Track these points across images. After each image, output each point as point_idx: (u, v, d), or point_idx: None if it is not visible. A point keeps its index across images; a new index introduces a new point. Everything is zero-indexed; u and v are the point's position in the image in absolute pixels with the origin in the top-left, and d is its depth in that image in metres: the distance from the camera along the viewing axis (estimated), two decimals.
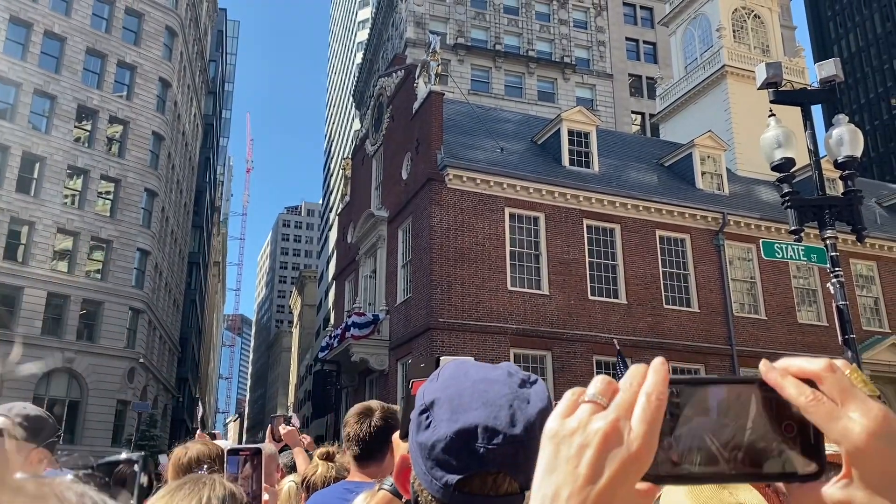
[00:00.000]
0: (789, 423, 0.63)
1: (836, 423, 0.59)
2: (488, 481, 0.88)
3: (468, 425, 0.87)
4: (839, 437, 0.59)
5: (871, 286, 25.87)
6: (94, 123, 38.18)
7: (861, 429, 0.58)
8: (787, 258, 9.45)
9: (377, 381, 23.99)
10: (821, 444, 0.62)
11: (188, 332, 55.23)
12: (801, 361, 0.64)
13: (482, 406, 0.88)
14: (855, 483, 0.60)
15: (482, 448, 0.86)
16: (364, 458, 2.73)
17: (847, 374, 0.63)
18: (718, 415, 0.64)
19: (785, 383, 0.62)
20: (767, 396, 0.64)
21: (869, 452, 0.58)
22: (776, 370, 0.64)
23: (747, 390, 0.65)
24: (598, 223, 22.57)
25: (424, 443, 0.90)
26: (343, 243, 31.61)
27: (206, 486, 1.70)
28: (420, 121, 23.16)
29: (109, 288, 36.73)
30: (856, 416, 0.59)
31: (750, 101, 28.27)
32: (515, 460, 0.87)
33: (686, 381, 0.65)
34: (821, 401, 0.60)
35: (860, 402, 0.60)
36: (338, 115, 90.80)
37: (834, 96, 8.91)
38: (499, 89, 46.83)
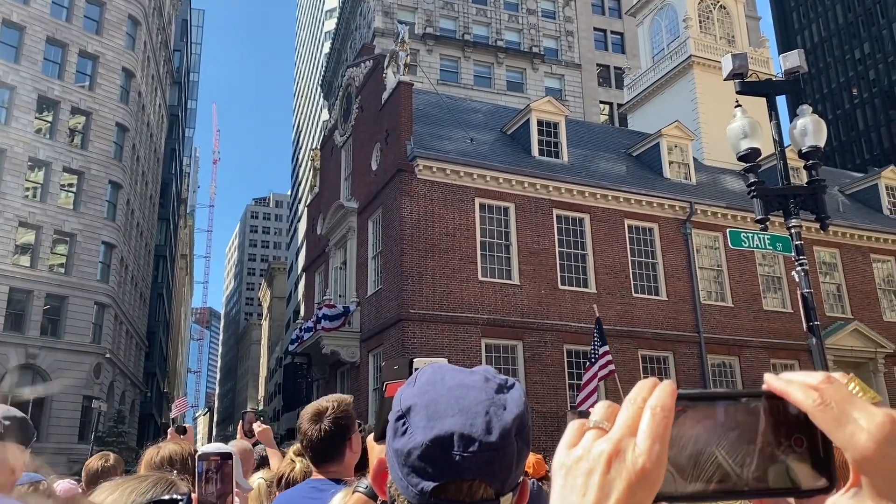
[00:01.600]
0: (798, 437, 0.62)
1: (843, 428, 0.58)
2: (464, 488, 0.88)
3: (444, 433, 0.87)
4: (846, 443, 0.58)
5: (833, 273, 26.40)
6: (56, 114, 37.38)
7: (868, 434, 0.58)
8: (753, 247, 9.59)
9: (349, 373, 23.92)
10: (831, 457, 0.62)
11: (155, 326, 54.55)
12: (801, 374, 0.63)
13: (458, 413, 0.89)
14: (864, 491, 0.59)
15: (458, 455, 0.86)
16: (321, 460, 2.71)
17: (845, 383, 0.63)
18: (728, 430, 0.63)
19: (791, 389, 0.62)
20: (775, 409, 0.63)
21: (877, 458, 0.57)
22: (781, 379, 0.63)
23: (755, 403, 0.64)
24: (567, 213, 22.70)
25: (401, 449, 0.90)
26: (312, 235, 31.41)
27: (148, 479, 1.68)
28: (389, 111, 23.05)
29: (74, 282, 36.09)
30: (862, 422, 0.58)
31: (716, 91, 28.59)
32: (491, 467, 0.88)
33: (693, 395, 0.64)
34: (828, 405, 0.59)
35: (864, 408, 0.59)
36: (306, 105, 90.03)
37: (798, 87, 9.04)
38: (468, 79, 46.78)
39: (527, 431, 0.92)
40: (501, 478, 0.89)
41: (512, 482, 0.91)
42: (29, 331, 34.11)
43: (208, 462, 1.92)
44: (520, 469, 0.92)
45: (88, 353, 35.94)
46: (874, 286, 26.79)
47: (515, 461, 0.90)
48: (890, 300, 27.21)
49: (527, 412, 0.93)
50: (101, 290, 37.29)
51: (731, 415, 0.63)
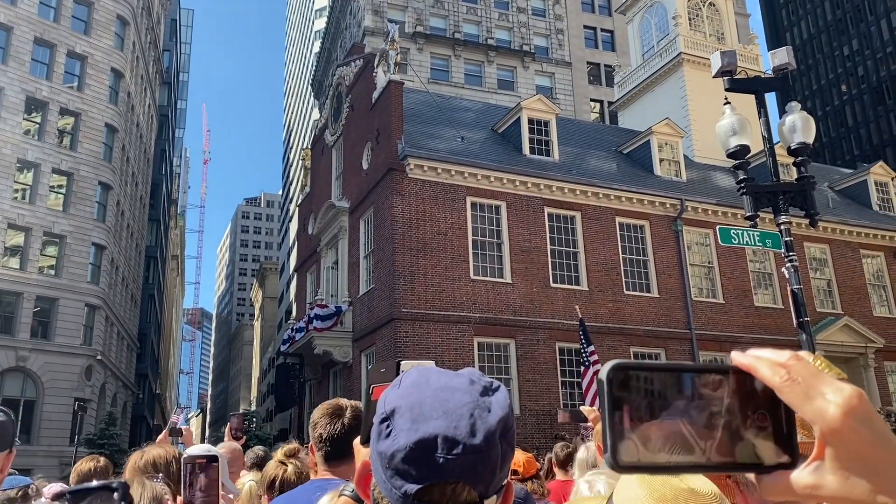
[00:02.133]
0: (762, 413, 0.63)
1: (810, 402, 0.60)
2: (447, 491, 0.88)
3: (428, 435, 0.87)
4: (814, 417, 0.60)
5: (824, 268, 26.53)
6: (44, 115, 37.15)
7: (835, 408, 0.59)
8: (743, 244, 9.62)
9: (341, 373, 23.89)
10: (793, 433, 0.63)
11: (147, 327, 54.34)
12: (768, 351, 0.64)
13: (443, 415, 0.89)
14: (827, 465, 0.60)
15: (441, 458, 0.86)
16: (335, 457, 2.69)
17: (812, 360, 0.64)
18: (693, 403, 0.63)
19: (759, 364, 0.63)
20: (741, 385, 0.64)
21: (843, 431, 0.59)
22: (749, 355, 0.64)
23: (721, 378, 0.64)
24: (559, 211, 22.72)
25: (385, 452, 0.90)
26: (304, 235, 31.34)
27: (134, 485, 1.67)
28: (380, 110, 23.01)
29: (64, 284, 35.89)
30: (830, 396, 0.60)
31: (706, 89, 28.68)
32: (475, 470, 0.88)
33: (661, 367, 0.65)
34: (795, 381, 0.61)
35: (832, 383, 0.61)
36: (296, 104, 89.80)
37: (787, 84, 9.07)
38: (458, 78, 46.77)
39: (511, 434, 0.92)
40: (485, 480, 0.89)
41: (496, 485, 0.91)
42: (19, 333, 33.91)
43: (194, 465, 1.91)
44: (504, 471, 0.92)
45: (79, 355, 35.75)
46: (864, 281, 26.94)
47: (500, 464, 0.90)
48: (880, 295, 27.37)
49: (511, 415, 0.93)
50: (92, 291, 37.11)
51: (698, 388, 0.64)
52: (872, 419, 0.60)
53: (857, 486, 0.59)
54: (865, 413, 0.60)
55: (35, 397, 34.13)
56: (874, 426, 0.60)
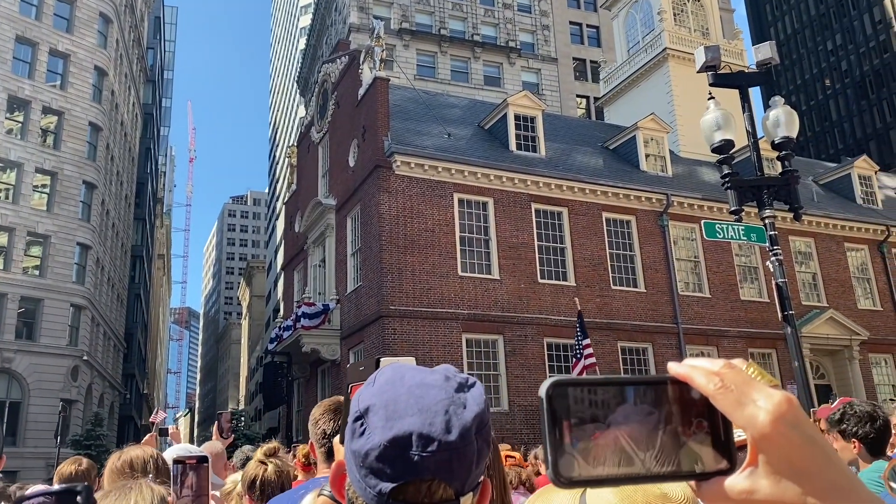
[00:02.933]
0: (700, 421, 0.65)
1: (742, 409, 0.61)
2: (423, 489, 0.87)
3: (402, 433, 0.86)
4: (745, 423, 0.61)
5: (809, 262, 26.73)
6: (27, 114, 36.79)
7: (765, 414, 0.61)
8: (727, 238, 9.66)
9: (329, 371, 23.84)
10: (731, 440, 0.64)
11: (133, 327, 54.01)
12: (703, 361, 0.66)
13: (417, 413, 0.87)
14: (760, 470, 0.62)
15: (416, 455, 0.85)
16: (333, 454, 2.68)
17: (745, 368, 0.66)
18: (633, 415, 0.64)
19: (694, 374, 0.64)
20: (679, 395, 0.65)
21: (773, 437, 0.61)
22: (684, 365, 0.65)
23: (660, 390, 0.66)
24: (546, 207, 22.75)
25: (358, 451, 0.88)
26: (291, 232, 31.23)
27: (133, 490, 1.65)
28: (366, 107, 22.95)
29: (49, 284, 35.59)
30: (761, 402, 0.61)
31: (691, 84, 28.77)
32: (450, 467, 0.86)
33: (600, 381, 0.65)
34: (728, 388, 0.62)
35: (763, 389, 0.62)
36: (282, 102, 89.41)
37: (771, 78, 9.12)
38: (445, 74, 46.71)
39: (487, 430, 0.91)
40: (461, 477, 0.87)
41: (472, 482, 0.90)
42: (3, 334, 33.60)
43: (184, 465, 1.90)
44: (480, 468, 0.91)
45: (65, 355, 35.48)
46: (849, 274, 27.16)
47: (475, 460, 0.89)
48: (864, 288, 27.61)
49: (487, 411, 0.92)
50: (77, 291, 36.82)
51: (637, 400, 0.65)
52: (802, 424, 0.62)
53: (789, 489, 0.61)
54: (795, 418, 0.61)
55: (20, 399, 33.85)
56: (804, 430, 0.61)
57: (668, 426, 0.65)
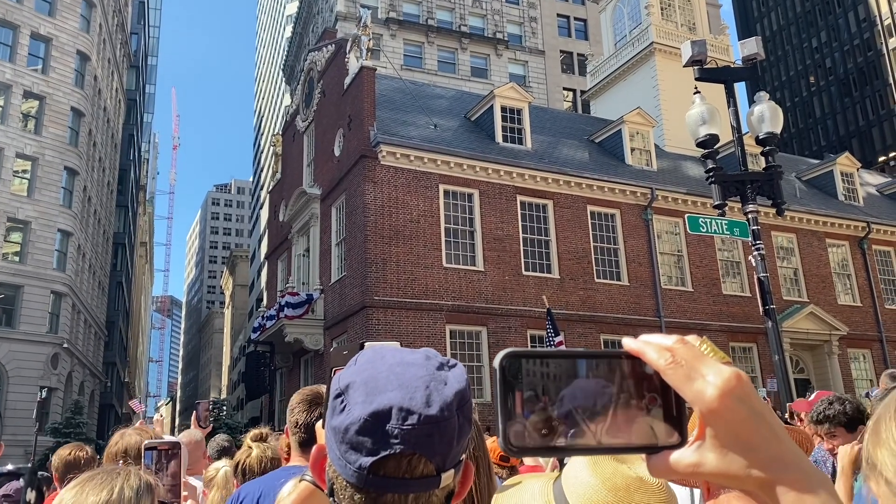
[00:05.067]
0: (653, 396, 0.66)
1: (691, 384, 0.63)
2: (403, 463, 0.86)
3: (383, 407, 0.85)
4: (693, 398, 0.63)
5: (790, 257, 26.96)
6: (7, 98, 36.30)
7: (714, 389, 0.62)
8: (711, 232, 9.72)
9: (312, 361, 23.80)
10: (683, 414, 0.66)
11: (115, 315, 53.60)
12: (657, 336, 0.67)
13: (398, 388, 0.87)
14: (707, 444, 0.64)
15: (396, 429, 0.84)
16: (308, 444, 2.69)
17: (698, 344, 0.68)
18: (586, 388, 0.66)
19: (646, 349, 0.66)
20: (633, 370, 0.67)
21: (720, 411, 0.62)
22: (638, 340, 0.67)
23: (614, 364, 0.67)
24: (531, 199, 22.78)
25: (338, 426, 0.88)
26: (275, 222, 31.07)
27: (120, 476, 1.64)
28: (352, 96, 22.84)
29: (29, 271, 35.23)
30: (710, 377, 0.63)
31: (678, 79, 28.88)
32: (431, 441, 0.86)
33: (554, 354, 0.67)
34: (679, 364, 0.64)
35: (713, 365, 0.64)
36: (267, 90, 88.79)
37: (756, 74, 9.16)
38: (431, 65, 46.55)
39: (468, 408, 0.90)
40: (442, 452, 0.87)
41: (453, 458, 0.89)
42: None
43: (157, 453, 1.88)
44: (461, 445, 0.90)
45: (45, 343, 35.17)
46: (829, 270, 27.43)
47: (457, 436, 0.88)
48: (844, 284, 27.90)
49: (468, 390, 0.91)
50: (58, 278, 36.48)
51: (591, 373, 0.66)
52: (750, 399, 0.63)
53: (734, 462, 0.63)
54: (743, 393, 0.63)
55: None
56: (751, 405, 0.63)
57: (621, 400, 0.66)
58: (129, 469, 1.70)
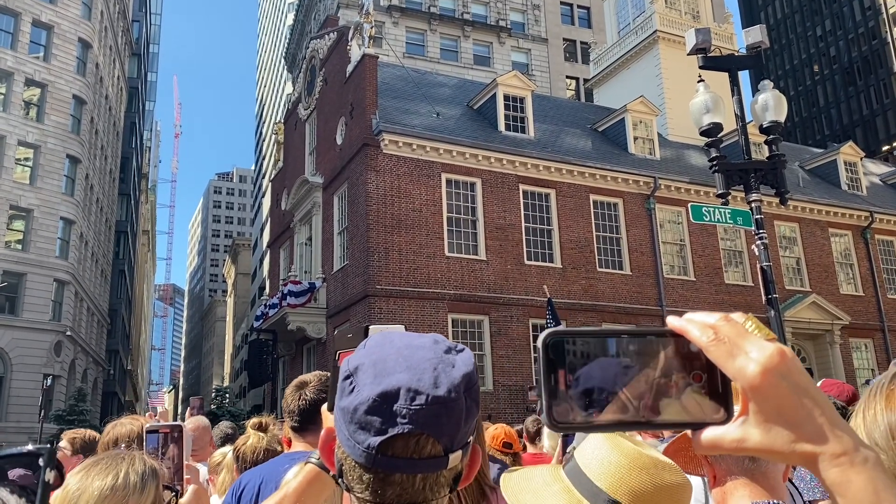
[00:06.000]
0: (697, 373, 0.67)
1: (733, 361, 0.64)
2: (411, 443, 0.87)
3: (391, 387, 0.87)
4: (736, 374, 0.64)
5: (793, 247, 26.93)
6: (9, 86, 36.24)
7: (756, 365, 0.63)
8: (714, 221, 9.70)
9: (315, 349, 23.85)
10: (728, 391, 0.67)
11: (118, 303, 53.71)
12: (701, 314, 0.68)
13: (406, 369, 0.88)
14: (750, 419, 0.65)
15: (404, 409, 0.86)
16: (301, 429, 2.73)
17: (743, 321, 0.68)
18: (630, 366, 0.67)
19: (689, 327, 0.67)
20: (678, 347, 0.68)
21: (763, 387, 0.63)
22: (682, 319, 0.68)
23: (658, 342, 0.68)
24: (533, 188, 22.74)
25: (347, 407, 0.89)
26: (277, 210, 31.06)
27: (125, 461, 1.65)
28: (354, 85, 22.77)
29: (32, 259, 35.29)
30: (753, 354, 0.64)
31: (681, 67, 28.76)
32: (438, 421, 0.87)
33: (597, 332, 0.68)
34: (721, 341, 0.65)
35: (756, 342, 0.65)
36: (269, 77, 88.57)
37: (760, 62, 9.11)
38: (434, 53, 46.37)
39: (475, 391, 0.91)
40: (449, 433, 0.88)
41: (461, 440, 0.90)
42: None
43: (158, 436, 1.89)
44: (468, 427, 0.91)
45: (48, 330, 35.28)
46: (832, 260, 27.40)
47: (464, 417, 0.89)
48: (847, 273, 27.87)
49: (475, 374, 0.92)
50: (61, 266, 36.54)
51: (635, 352, 0.68)
52: (793, 375, 0.64)
53: (778, 437, 0.64)
54: (786, 370, 0.64)
55: (3, 373, 33.68)
56: (794, 381, 0.64)
57: (665, 377, 0.67)
58: (133, 454, 1.71)
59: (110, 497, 1.56)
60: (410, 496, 0.89)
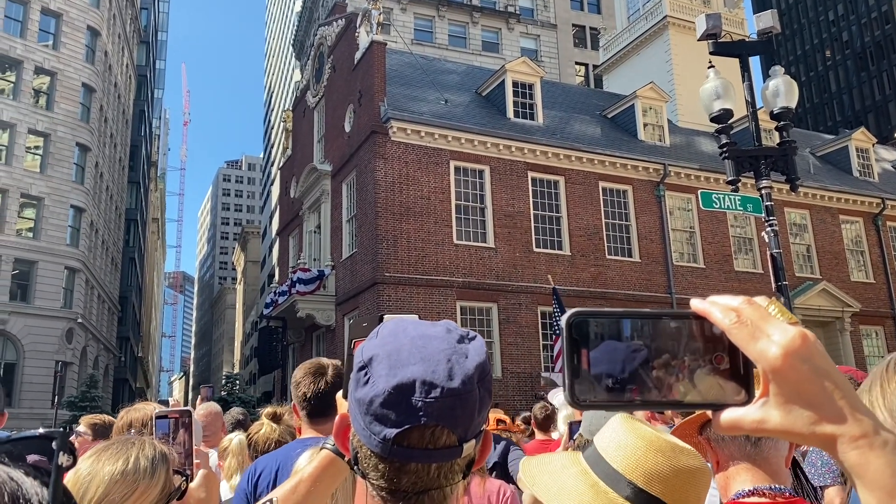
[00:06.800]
0: (720, 355, 0.68)
1: (755, 343, 0.65)
2: (426, 434, 0.89)
3: (406, 380, 0.88)
4: (757, 357, 0.65)
5: (803, 234, 26.78)
6: (19, 74, 36.35)
7: (777, 348, 0.64)
8: (724, 208, 9.66)
9: (324, 337, 23.94)
10: (750, 373, 0.67)
11: (128, 290, 54.02)
12: (724, 297, 0.69)
13: (420, 361, 0.89)
14: (771, 401, 0.65)
15: (420, 401, 0.87)
16: (318, 415, 2.70)
17: (766, 305, 0.68)
18: (652, 346, 0.68)
19: (712, 309, 0.68)
20: (700, 329, 0.68)
21: (784, 370, 0.64)
22: (705, 301, 0.69)
23: (680, 324, 0.69)
24: (542, 175, 22.67)
25: (363, 399, 0.90)
26: (286, 198, 31.10)
27: (135, 446, 1.66)
28: (362, 72, 22.71)
29: (43, 247, 35.51)
30: (775, 337, 0.64)
31: (691, 53, 28.56)
32: (453, 413, 0.89)
33: (620, 314, 0.69)
34: (744, 323, 0.65)
35: (779, 325, 0.66)
36: (277, 65, 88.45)
37: (771, 47, 9.03)
38: (442, 39, 46.16)
39: (488, 380, 0.93)
40: (464, 424, 0.90)
41: (475, 429, 0.92)
42: None
43: (168, 421, 1.89)
44: (482, 416, 0.93)
45: (59, 318, 35.54)
46: (843, 247, 27.24)
47: (478, 408, 0.91)
48: (857, 260, 27.71)
49: (488, 363, 0.94)
50: (71, 254, 36.76)
51: (658, 333, 0.68)
52: (814, 358, 0.65)
53: (798, 419, 0.64)
54: (807, 353, 0.64)
55: (16, 360, 33.98)
56: (815, 364, 0.64)
57: (687, 359, 0.68)
58: (143, 439, 1.72)
59: (121, 482, 1.58)
60: (425, 484, 0.91)
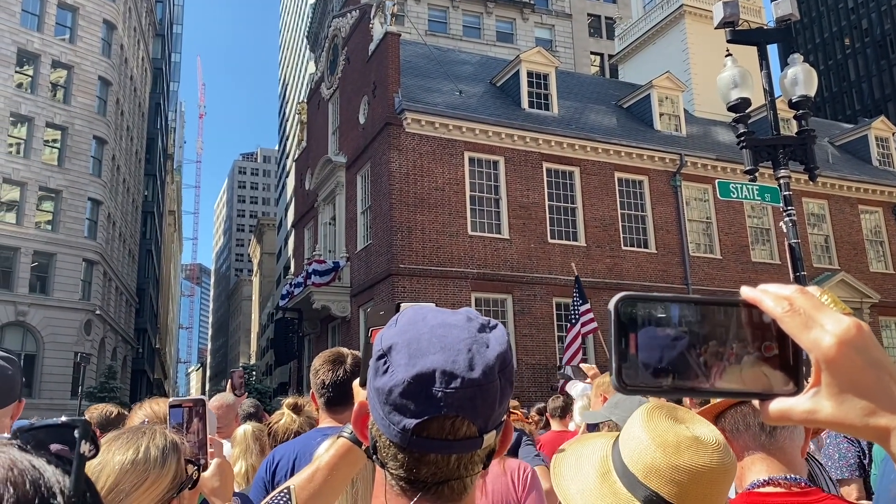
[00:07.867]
0: (769, 344, 0.67)
1: (808, 332, 0.63)
2: (446, 425, 0.87)
3: (426, 370, 0.86)
4: (810, 346, 0.64)
5: (822, 224, 26.51)
6: (37, 68, 36.62)
7: (831, 338, 0.62)
8: (741, 198, 9.57)
9: (339, 328, 24.04)
10: (800, 363, 0.67)
11: (145, 282, 54.47)
12: (775, 285, 0.67)
13: (440, 350, 0.88)
14: (823, 391, 0.64)
15: (440, 392, 0.85)
16: (336, 403, 2.68)
17: (818, 295, 0.67)
18: (700, 333, 0.67)
19: (763, 297, 0.66)
20: (750, 317, 0.67)
21: (837, 360, 0.62)
22: (756, 289, 0.67)
23: (729, 311, 0.68)
24: (557, 166, 22.57)
25: (382, 388, 0.89)
26: (301, 190, 31.19)
27: (146, 435, 1.66)
28: (376, 63, 22.68)
29: (61, 239, 35.85)
30: (828, 326, 0.63)
31: (708, 42, 28.28)
32: (473, 404, 0.87)
33: (669, 299, 0.69)
34: (797, 312, 0.64)
35: (832, 314, 0.64)
36: (292, 57, 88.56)
37: (789, 35, 8.92)
38: (456, 30, 45.99)
39: (510, 370, 0.91)
40: (484, 415, 0.88)
41: (495, 420, 0.90)
42: (18, 288, 34.00)
43: (182, 410, 1.89)
44: (503, 407, 0.91)
45: (78, 309, 35.90)
46: (861, 237, 26.95)
47: (499, 398, 0.89)
48: (877, 251, 27.41)
49: (510, 352, 0.92)
50: (89, 246, 37.08)
51: (706, 319, 0.68)
52: (869, 349, 0.63)
53: (851, 410, 0.63)
54: (862, 343, 0.63)
55: (35, 351, 34.38)
56: (870, 354, 0.63)
57: (735, 347, 0.66)
58: (154, 428, 1.72)
59: (131, 471, 1.58)
60: (445, 474, 0.90)
